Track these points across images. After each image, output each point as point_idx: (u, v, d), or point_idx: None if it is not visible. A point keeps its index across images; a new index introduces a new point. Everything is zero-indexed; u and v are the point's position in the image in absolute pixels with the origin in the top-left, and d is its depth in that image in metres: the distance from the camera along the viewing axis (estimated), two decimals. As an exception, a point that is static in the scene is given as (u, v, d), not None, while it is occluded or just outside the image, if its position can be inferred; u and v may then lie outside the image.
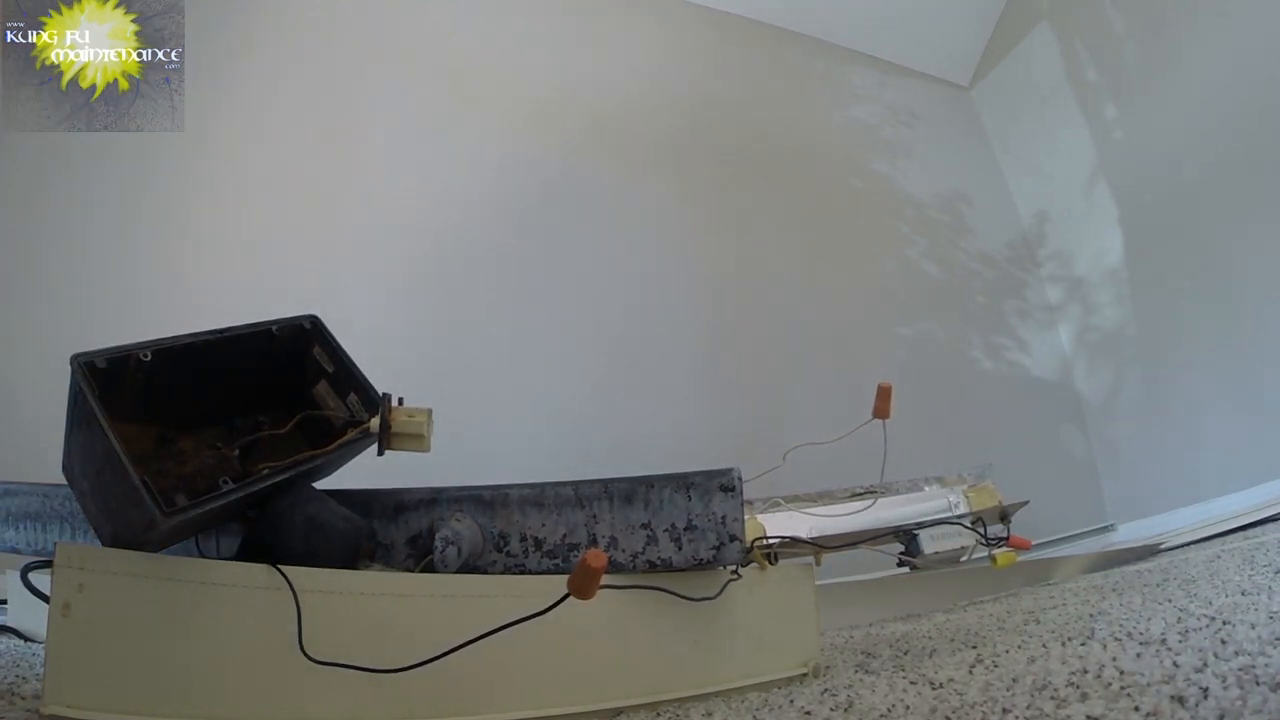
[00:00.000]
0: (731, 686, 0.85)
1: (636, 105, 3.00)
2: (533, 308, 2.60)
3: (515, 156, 2.77)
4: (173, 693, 0.58)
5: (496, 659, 0.69)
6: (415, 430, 0.74)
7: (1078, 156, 3.07)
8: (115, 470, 0.56)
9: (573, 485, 0.83)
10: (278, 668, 0.61)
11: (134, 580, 0.59)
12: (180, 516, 0.57)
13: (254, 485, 0.64)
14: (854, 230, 3.21)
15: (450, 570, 0.77)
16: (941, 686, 0.73)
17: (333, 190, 2.49)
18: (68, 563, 0.57)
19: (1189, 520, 2.26)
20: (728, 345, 2.80)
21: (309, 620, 0.63)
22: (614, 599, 0.76)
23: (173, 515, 0.57)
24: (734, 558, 0.81)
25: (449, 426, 0.72)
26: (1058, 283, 3.28)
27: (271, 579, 0.63)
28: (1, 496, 0.95)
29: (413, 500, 0.85)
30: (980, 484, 1.66)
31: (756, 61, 3.26)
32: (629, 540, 0.82)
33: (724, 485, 0.81)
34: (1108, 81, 2.98)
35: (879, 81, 3.44)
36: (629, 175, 2.91)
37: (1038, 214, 3.35)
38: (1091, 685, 0.60)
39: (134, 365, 0.62)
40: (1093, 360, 3.10)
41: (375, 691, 0.64)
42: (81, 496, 0.60)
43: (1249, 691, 0.49)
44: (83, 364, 0.58)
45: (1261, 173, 2.39)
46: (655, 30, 3.12)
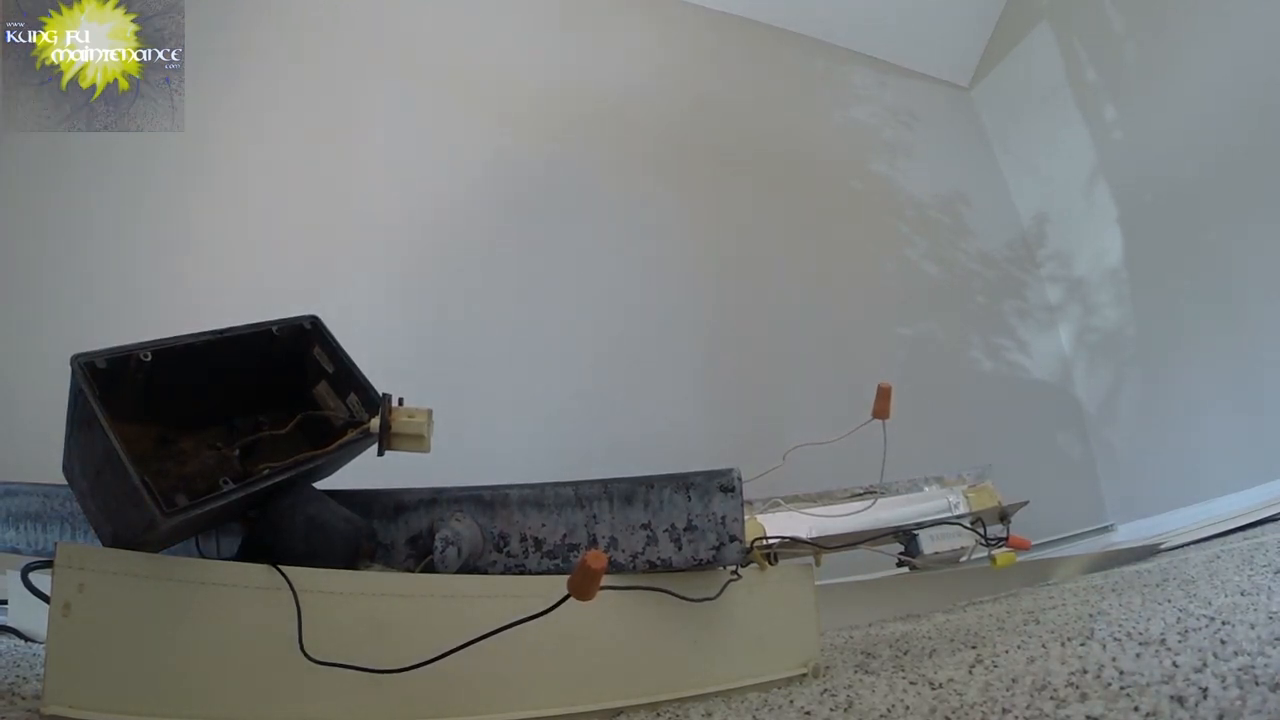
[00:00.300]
0: (731, 687, 0.85)
1: (636, 106, 3.00)
2: (532, 308, 2.60)
3: (515, 158, 2.77)
4: (173, 693, 0.58)
5: (497, 659, 0.69)
6: (415, 430, 0.74)
7: (1077, 157, 3.07)
8: (115, 470, 0.56)
9: (573, 486, 0.83)
10: (278, 668, 0.61)
11: (134, 580, 0.59)
12: (180, 517, 0.57)
13: (254, 485, 0.65)
14: (854, 230, 3.21)
15: (450, 570, 0.77)
16: (941, 687, 0.73)
17: (333, 190, 2.49)
18: (68, 563, 0.57)
19: (1188, 520, 2.26)
20: (728, 345, 2.80)
21: (309, 620, 0.63)
22: (614, 599, 0.76)
23: (173, 515, 0.57)
24: (734, 558, 0.81)
25: (449, 427, 0.72)
26: (1057, 283, 3.28)
27: (272, 579, 0.63)
28: (2, 497, 0.95)
29: (413, 500, 0.85)
30: (980, 484, 1.66)
31: (756, 62, 3.26)
32: (629, 541, 0.82)
33: (724, 485, 0.81)
34: (1107, 82, 2.98)
35: (879, 82, 3.44)
36: (629, 175, 2.91)
37: (1037, 214, 3.36)
38: (1091, 685, 0.60)
39: (134, 365, 0.62)
40: (1092, 361, 3.10)
41: (375, 692, 0.64)
42: (82, 497, 0.60)
43: (1248, 691, 0.49)
44: (83, 364, 0.57)
45: (1261, 173, 2.39)
46: (653, 31, 3.12)
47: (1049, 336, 3.25)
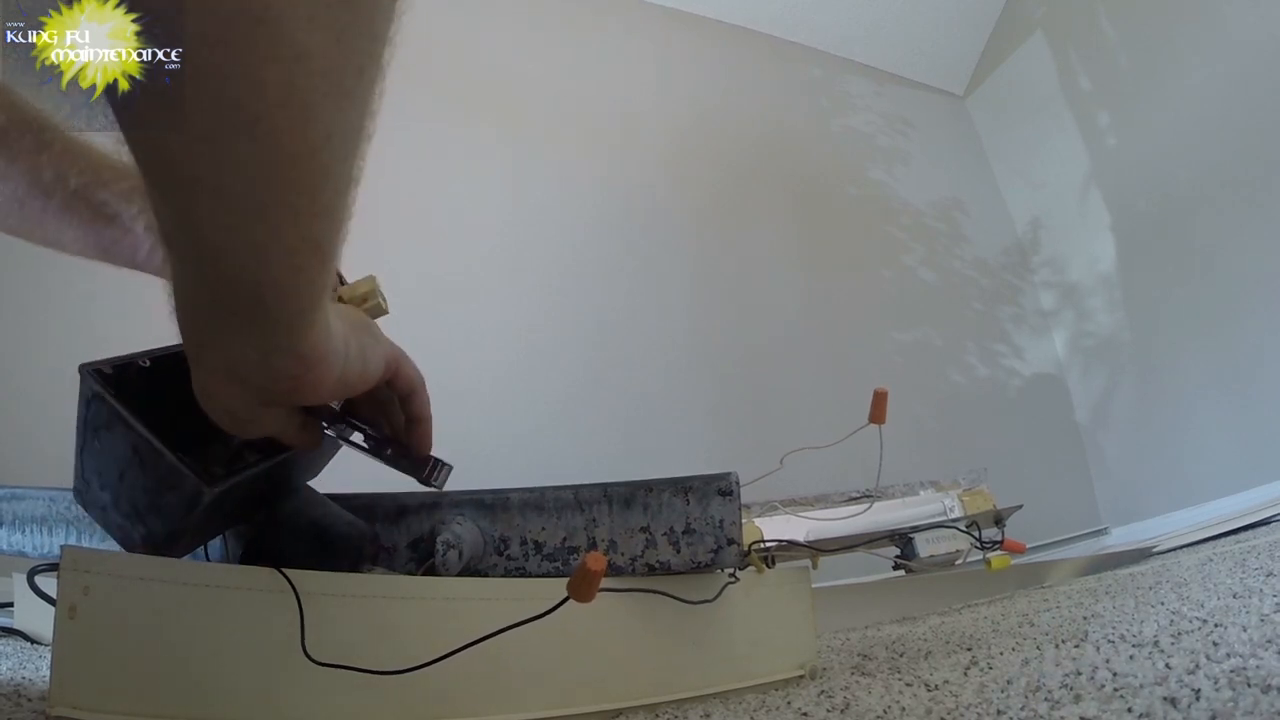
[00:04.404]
0: (729, 688, 0.86)
1: (631, 114, 3.02)
2: (530, 311, 2.61)
3: (516, 159, 2.78)
4: (177, 693, 0.58)
5: (497, 661, 0.69)
6: (367, 294, 0.74)
7: (1071, 164, 3.10)
8: (145, 461, 0.56)
9: (572, 489, 0.83)
10: (281, 670, 0.62)
11: (139, 583, 0.59)
12: (221, 485, 0.57)
13: (278, 456, 0.65)
14: (851, 237, 3.23)
15: (452, 573, 0.77)
16: (937, 688, 0.73)
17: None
18: (73, 566, 0.57)
19: (1181, 524, 2.28)
20: (725, 351, 2.81)
21: (312, 623, 0.63)
22: (613, 602, 0.77)
23: (215, 484, 0.57)
24: (732, 561, 0.82)
25: (452, 430, 0.73)
26: (1052, 289, 3.31)
27: (275, 582, 0.64)
28: (8, 501, 0.95)
29: (415, 504, 0.85)
30: (975, 488, 1.67)
31: (753, 71, 3.29)
32: (628, 543, 0.82)
33: (722, 489, 0.82)
34: (1101, 90, 3.01)
35: (874, 90, 3.47)
36: (624, 184, 2.92)
37: (1032, 221, 3.38)
38: (1085, 687, 0.61)
39: (135, 373, 0.62)
40: (1086, 367, 3.12)
41: (377, 693, 0.64)
42: (103, 512, 0.60)
43: (1240, 693, 0.50)
44: (91, 371, 0.58)
45: (1254, 179, 2.42)
46: (647, 42, 3.14)
47: (1043, 342, 3.28)
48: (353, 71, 0.38)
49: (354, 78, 0.38)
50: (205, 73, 0.34)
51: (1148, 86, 2.75)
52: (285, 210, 0.40)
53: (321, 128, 0.37)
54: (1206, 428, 2.52)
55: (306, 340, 0.49)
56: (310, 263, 0.45)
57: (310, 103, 0.36)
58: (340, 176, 0.42)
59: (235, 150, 0.36)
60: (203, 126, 0.36)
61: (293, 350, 0.49)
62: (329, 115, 0.37)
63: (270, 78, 0.34)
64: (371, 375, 0.60)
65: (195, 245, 0.42)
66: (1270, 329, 2.33)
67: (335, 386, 0.55)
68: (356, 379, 0.57)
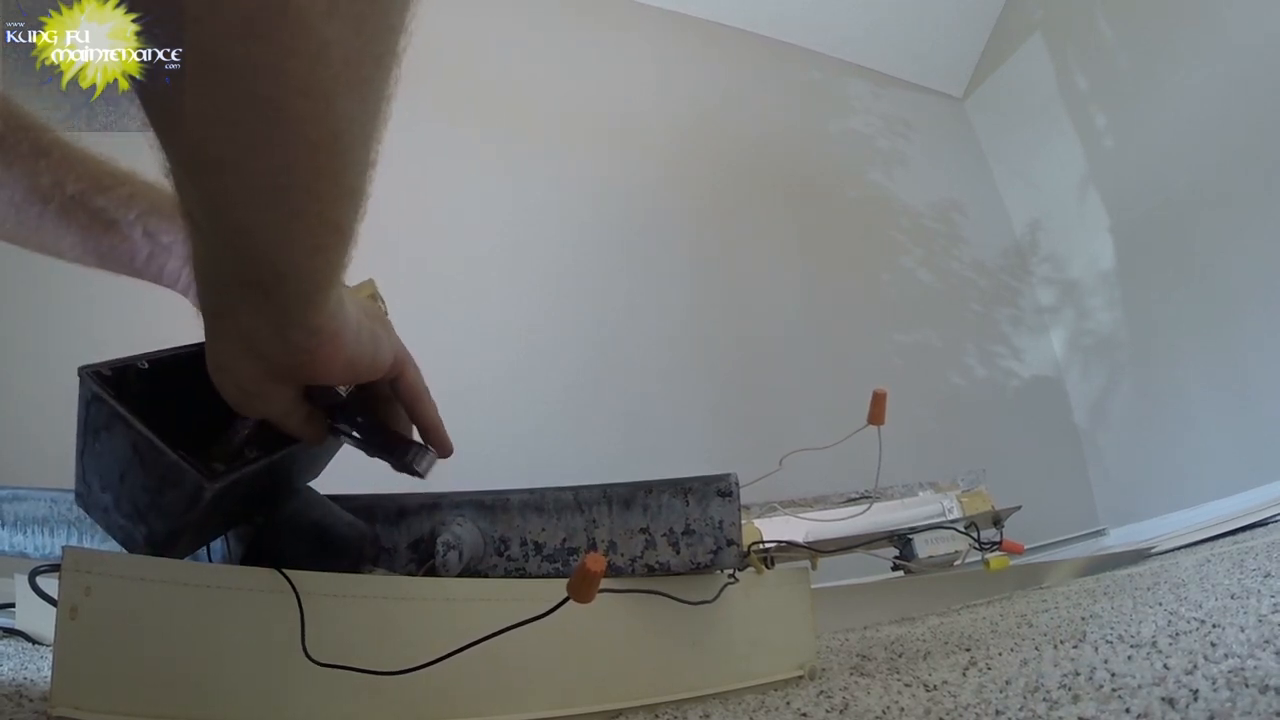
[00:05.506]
0: (728, 689, 0.86)
1: (631, 116, 3.02)
2: (530, 311, 2.61)
3: (516, 160, 2.78)
4: (178, 693, 0.58)
5: (497, 662, 0.69)
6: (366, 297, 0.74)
7: (1070, 165, 3.11)
8: (145, 460, 0.56)
9: (572, 490, 0.83)
10: (282, 670, 0.62)
11: (140, 584, 0.59)
12: (222, 481, 0.57)
13: (278, 452, 0.65)
14: (851, 239, 3.24)
15: (452, 574, 0.77)
16: (936, 689, 0.73)
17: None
18: (75, 567, 0.57)
19: (1179, 525, 2.29)
20: (725, 352, 2.81)
21: (313, 624, 0.63)
22: (613, 602, 0.77)
23: (216, 479, 0.57)
24: (731, 562, 0.82)
25: (451, 430, 0.73)
26: (1050, 290, 3.31)
27: (276, 583, 0.64)
28: (9, 502, 0.95)
29: (415, 505, 0.85)
30: (973, 489, 1.67)
31: (752, 73, 3.29)
32: (628, 544, 0.82)
33: (721, 490, 0.82)
34: (1100, 92, 3.02)
35: (873, 92, 3.48)
36: (624, 185, 2.92)
37: (1030, 222, 3.39)
38: (1083, 687, 0.61)
39: (134, 375, 0.62)
40: (1084, 368, 3.13)
41: (378, 693, 0.64)
42: (105, 514, 0.60)
43: (1238, 693, 0.50)
44: (91, 373, 0.58)
45: (1252, 180, 2.42)
46: (647, 43, 3.14)
47: (1042, 344, 3.28)
48: (371, 61, 0.39)
49: (372, 66, 0.39)
50: (231, 65, 0.35)
51: (1146, 88, 2.75)
52: (306, 193, 0.41)
53: (341, 114, 0.39)
54: (1204, 429, 2.52)
55: (321, 316, 0.50)
56: (329, 242, 0.46)
57: (331, 91, 0.37)
58: (359, 160, 0.43)
59: (259, 136, 0.38)
60: (228, 114, 0.37)
61: (306, 325, 0.50)
62: (348, 103, 0.39)
63: (293, 68, 0.35)
64: (380, 364, 0.61)
65: (218, 223, 0.43)
66: (1269, 330, 2.33)
67: (344, 368, 0.56)
68: (366, 365, 0.59)
